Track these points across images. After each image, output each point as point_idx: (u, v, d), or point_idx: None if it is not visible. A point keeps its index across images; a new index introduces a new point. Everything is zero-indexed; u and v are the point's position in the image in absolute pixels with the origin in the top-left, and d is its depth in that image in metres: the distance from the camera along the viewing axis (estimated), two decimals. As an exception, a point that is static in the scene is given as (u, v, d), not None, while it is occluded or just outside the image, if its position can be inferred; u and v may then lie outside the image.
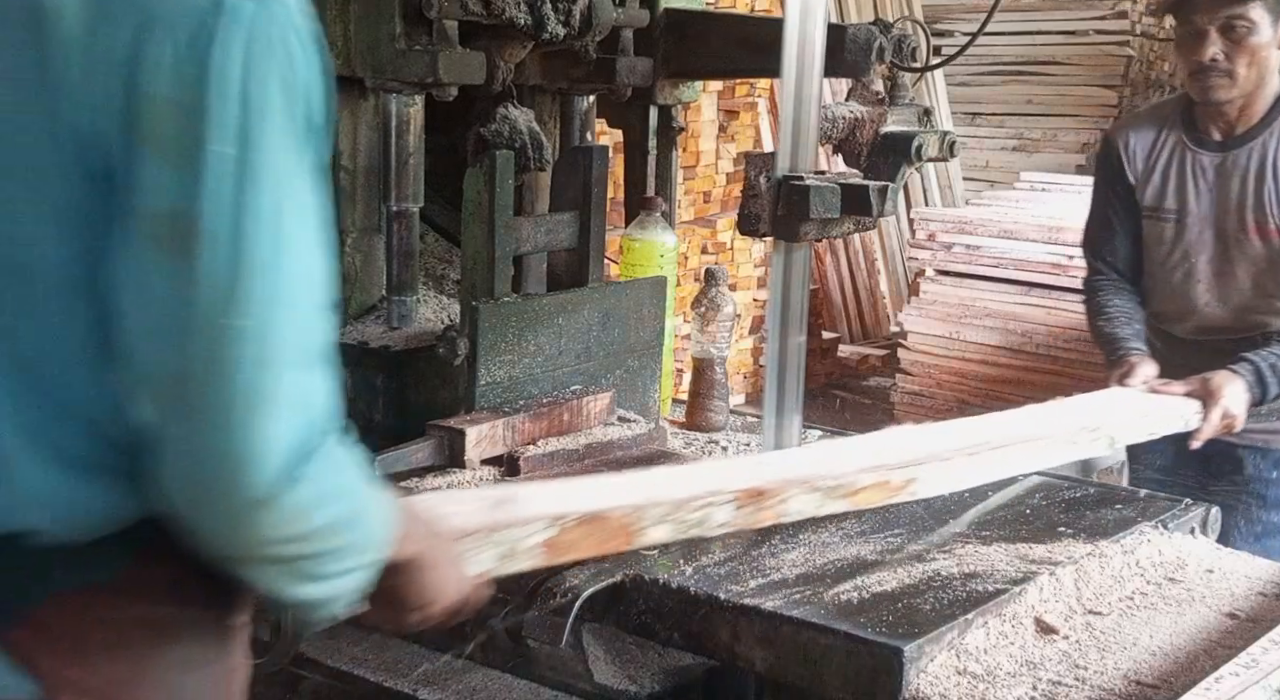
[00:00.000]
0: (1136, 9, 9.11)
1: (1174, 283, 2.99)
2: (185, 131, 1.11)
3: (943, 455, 2.01)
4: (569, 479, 1.97)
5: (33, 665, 1.21)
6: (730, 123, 6.29)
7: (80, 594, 1.22)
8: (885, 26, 2.28)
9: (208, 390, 1.12)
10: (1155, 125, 3.03)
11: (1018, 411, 2.32)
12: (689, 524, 1.75)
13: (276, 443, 1.13)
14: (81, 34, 1.12)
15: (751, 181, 2.11)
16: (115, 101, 1.11)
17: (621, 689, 1.87)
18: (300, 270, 1.16)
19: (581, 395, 2.26)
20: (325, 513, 1.18)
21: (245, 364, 1.11)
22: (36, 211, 1.16)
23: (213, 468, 1.13)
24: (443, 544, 1.43)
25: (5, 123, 1.16)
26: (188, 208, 1.10)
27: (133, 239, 1.12)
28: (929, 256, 6.22)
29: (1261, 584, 2.00)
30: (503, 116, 2.30)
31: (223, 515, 1.16)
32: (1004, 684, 1.64)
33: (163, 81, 1.11)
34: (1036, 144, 9.07)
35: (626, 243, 2.54)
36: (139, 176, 1.11)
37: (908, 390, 6.27)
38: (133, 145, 1.11)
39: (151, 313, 1.12)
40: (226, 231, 1.11)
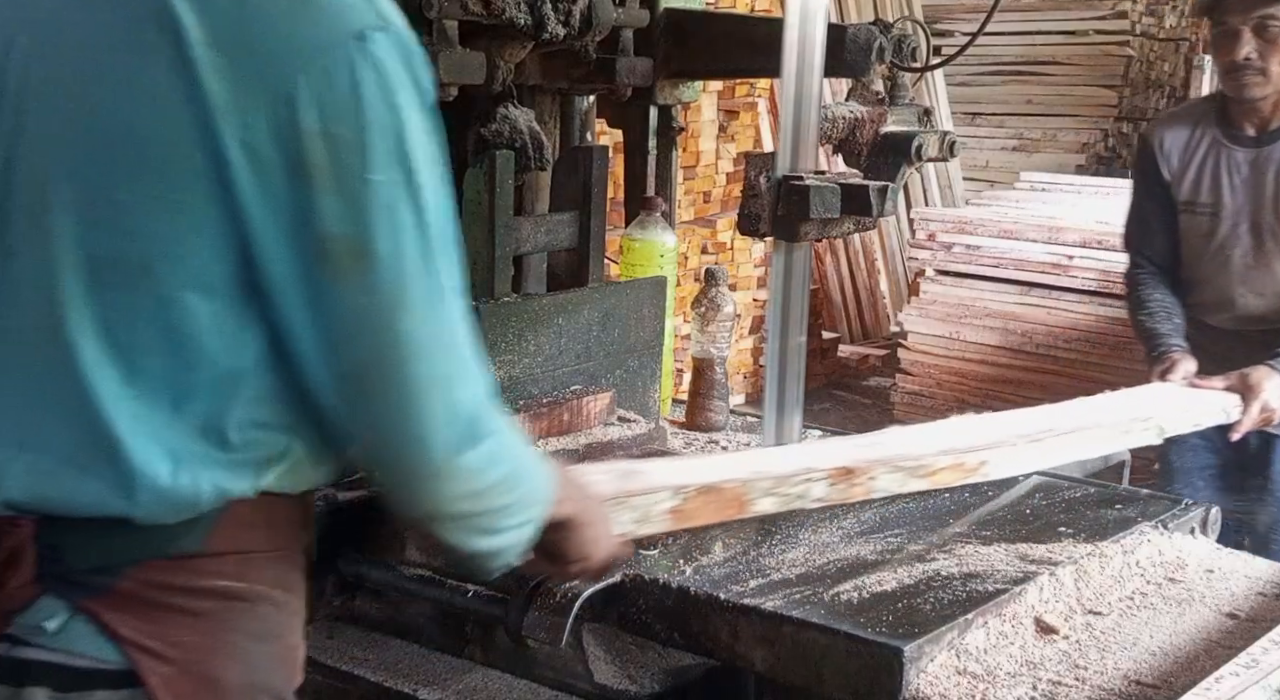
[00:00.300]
0: (1136, 9, 9.12)
1: (1211, 275, 3.14)
2: (347, 163, 1.21)
3: (1009, 441, 2.14)
4: (683, 457, 2.17)
5: (115, 633, 1.26)
6: (730, 123, 6.29)
7: (164, 565, 1.28)
8: (885, 26, 2.28)
9: (388, 381, 1.26)
10: (1190, 123, 3.18)
11: (1070, 403, 2.42)
12: (791, 497, 1.89)
13: (449, 417, 1.28)
14: (225, 63, 1.20)
15: (751, 181, 2.11)
16: (265, 132, 1.19)
17: (621, 689, 1.87)
18: (448, 268, 1.29)
19: (581, 395, 2.26)
20: (495, 472, 1.34)
21: (417, 355, 1.26)
22: (171, 216, 1.22)
23: (398, 444, 1.29)
24: (595, 504, 1.58)
25: (147, 131, 1.21)
26: (357, 233, 1.22)
27: (307, 259, 1.23)
28: (929, 256, 6.22)
29: (1261, 584, 2.01)
30: (503, 116, 2.30)
31: (411, 482, 1.33)
32: (1004, 684, 1.64)
33: (320, 117, 1.20)
34: (1036, 144, 9.07)
35: (626, 243, 2.54)
36: (306, 205, 1.21)
37: (908, 390, 6.27)
38: (295, 176, 1.20)
39: (331, 322, 1.25)
40: (391, 248, 1.23)
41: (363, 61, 1.20)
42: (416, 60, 1.26)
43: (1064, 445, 2.23)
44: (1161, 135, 3.22)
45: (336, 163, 1.20)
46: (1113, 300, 5.71)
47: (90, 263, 1.24)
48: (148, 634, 1.27)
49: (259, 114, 1.19)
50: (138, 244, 1.23)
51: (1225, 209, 3.09)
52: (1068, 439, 2.23)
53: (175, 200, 1.21)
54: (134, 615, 1.27)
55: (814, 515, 2.08)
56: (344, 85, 1.20)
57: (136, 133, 1.22)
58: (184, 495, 1.26)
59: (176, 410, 1.25)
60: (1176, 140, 3.18)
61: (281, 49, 1.20)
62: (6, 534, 1.26)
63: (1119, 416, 2.40)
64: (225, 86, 1.19)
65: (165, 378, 1.25)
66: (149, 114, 1.21)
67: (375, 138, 1.21)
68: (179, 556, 1.29)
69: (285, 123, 1.19)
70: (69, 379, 1.24)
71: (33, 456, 1.26)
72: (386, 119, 1.21)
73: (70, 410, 1.25)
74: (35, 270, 1.26)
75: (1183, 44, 9.63)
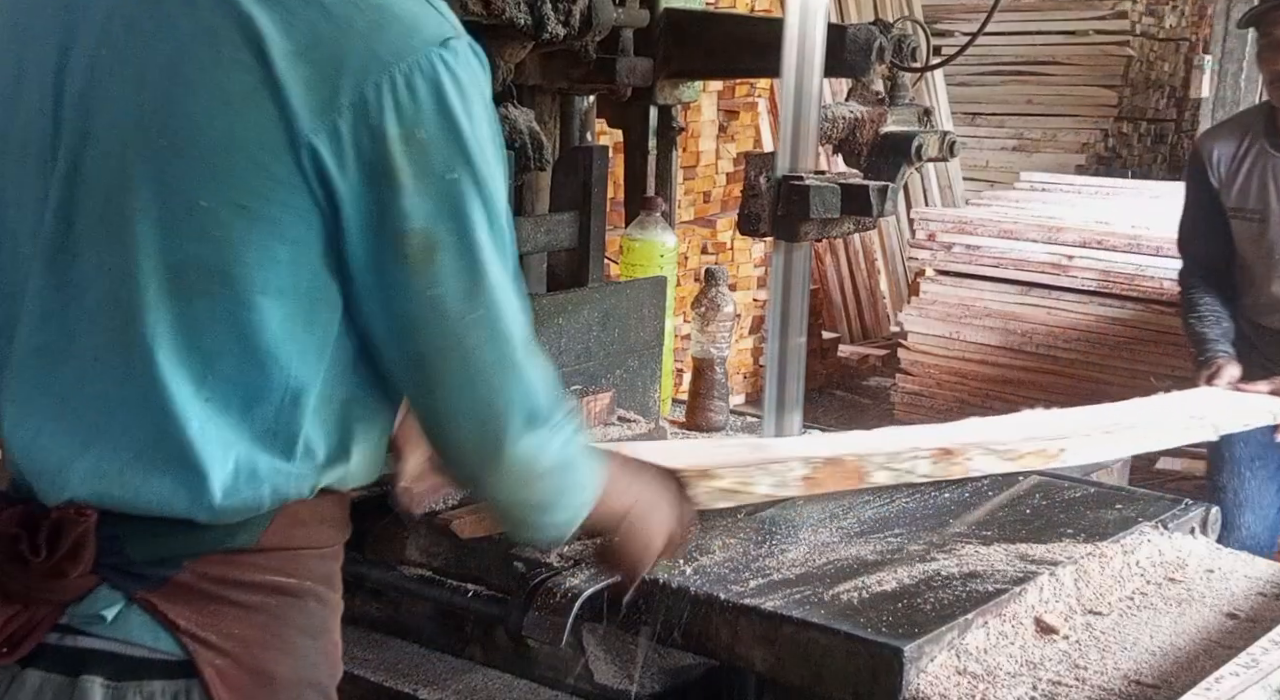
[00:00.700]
0: (1136, 9, 9.13)
1: (1261, 277, 3.35)
2: (427, 164, 1.26)
3: (1084, 431, 2.31)
4: (794, 439, 2.28)
5: (171, 624, 1.29)
6: (730, 123, 6.29)
7: (220, 559, 1.31)
8: (885, 26, 2.28)
9: (456, 365, 1.33)
10: (1238, 133, 3.41)
11: (1130, 403, 2.60)
12: (901, 472, 2.03)
13: (513, 403, 1.35)
14: (310, 72, 1.24)
15: (751, 181, 2.11)
16: (348, 138, 1.24)
17: (621, 689, 1.87)
18: (509, 265, 1.35)
19: (581, 395, 2.26)
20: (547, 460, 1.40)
21: (485, 344, 1.33)
22: (251, 223, 1.25)
23: (465, 428, 1.36)
24: (652, 492, 1.62)
25: (229, 140, 1.24)
26: (432, 227, 1.28)
27: (383, 256, 1.28)
28: (929, 256, 6.22)
29: (1261, 584, 2.01)
30: (503, 116, 2.29)
31: (477, 464, 1.39)
32: (1004, 684, 1.64)
33: (400, 121, 1.25)
34: (1036, 144, 9.08)
35: (626, 243, 2.54)
36: (385, 204, 1.26)
37: (908, 390, 6.27)
38: (375, 177, 1.25)
39: (405, 311, 1.30)
40: (460, 243, 1.29)
41: (442, 68, 1.26)
42: (483, 67, 1.32)
43: (1132, 438, 2.39)
44: (1210, 147, 3.41)
45: (416, 163, 1.26)
46: (1112, 300, 5.72)
47: (169, 268, 1.25)
48: (203, 626, 1.29)
49: (342, 120, 1.24)
50: (218, 250, 1.25)
51: (1273, 215, 3.27)
52: (1135, 432, 2.40)
53: (256, 208, 1.24)
54: (190, 607, 1.29)
55: (814, 515, 2.09)
56: (424, 91, 1.25)
57: (219, 141, 1.24)
58: (246, 499, 1.29)
59: (246, 415, 1.28)
60: (1225, 151, 3.36)
61: (365, 58, 1.24)
62: (72, 525, 1.28)
63: (1177, 414, 2.57)
64: (309, 94, 1.23)
65: (237, 382, 1.28)
66: (232, 122, 1.23)
67: (453, 140, 1.27)
68: (235, 551, 1.31)
69: (367, 127, 1.24)
70: (143, 381, 1.26)
71: (98, 455, 1.28)
72: (463, 123, 1.27)
73: (141, 411, 1.27)
74: (109, 274, 1.27)
75: (1183, 44, 9.64)
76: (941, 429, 2.25)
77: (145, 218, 1.25)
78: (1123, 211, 6.18)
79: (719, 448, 2.02)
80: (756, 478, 1.88)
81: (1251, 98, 7.22)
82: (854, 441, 2.10)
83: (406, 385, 1.37)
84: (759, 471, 1.89)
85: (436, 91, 1.26)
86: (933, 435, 2.19)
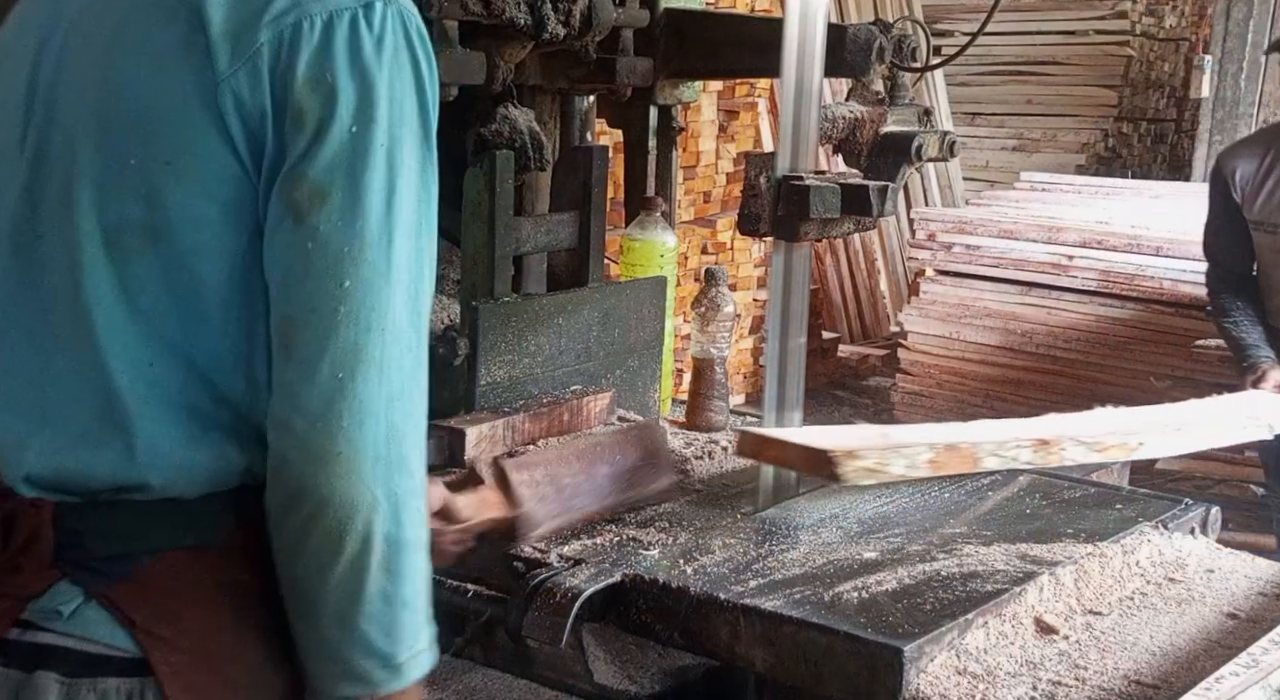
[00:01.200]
0: (1136, 9, 9.13)
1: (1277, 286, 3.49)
2: (329, 110, 1.23)
3: (1157, 428, 2.40)
4: (911, 427, 2.32)
5: (128, 620, 1.27)
6: (730, 123, 6.29)
7: (182, 555, 1.29)
8: (885, 26, 2.28)
9: (311, 339, 1.23)
10: (1260, 150, 3.57)
11: (1189, 403, 2.66)
12: (1007, 458, 2.09)
13: (363, 407, 1.23)
14: (232, 18, 1.24)
15: (751, 181, 2.11)
16: (264, 81, 1.23)
17: (621, 689, 1.87)
18: (406, 250, 1.26)
19: (581, 395, 2.26)
20: (393, 497, 1.25)
21: (352, 320, 1.23)
22: (179, 181, 1.24)
23: (305, 415, 1.23)
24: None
25: (156, 95, 1.25)
26: (320, 178, 1.22)
27: (277, 203, 1.24)
28: (929, 256, 6.21)
29: (1261, 584, 2.00)
30: (503, 116, 2.30)
31: (307, 461, 1.24)
32: (1004, 684, 1.64)
33: (310, 66, 1.23)
34: (1036, 144, 9.09)
35: (626, 243, 2.54)
36: (288, 149, 1.23)
37: (908, 390, 6.27)
38: (282, 122, 1.23)
39: (282, 266, 1.24)
40: (346, 202, 1.23)
41: (363, 24, 1.24)
42: (417, 37, 1.29)
43: (1198, 434, 2.50)
44: (1232, 165, 3.57)
45: (321, 108, 1.23)
46: (1112, 300, 5.71)
47: (105, 229, 1.26)
48: (162, 623, 1.27)
49: (260, 59, 1.23)
50: (149, 209, 1.25)
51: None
52: (1200, 429, 2.50)
53: (183, 164, 1.24)
54: (148, 604, 1.27)
55: (814, 515, 2.09)
56: (341, 37, 1.24)
57: (147, 97, 1.25)
58: (197, 463, 1.28)
59: (190, 378, 1.27)
60: (1248, 168, 3.53)
61: (289, 2, 1.24)
62: (25, 515, 1.28)
63: (1235, 415, 2.67)
64: (232, 38, 1.23)
65: (179, 345, 1.26)
66: (160, 76, 1.25)
67: (363, 93, 1.24)
68: (196, 548, 1.29)
69: (279, 66, 1.23)
70: (87, 347, 1.27)
71: (54, 430, 1.29)
72: (377, 79, 1.24)
73: (88, 380, 1.27)
74: (60, 244, 1.28)
75: (1183, 44, 9.65)
76: (1031, 423, 2.33)
77: (85, 180, 1.27)
78: (1123, 211, 6.18)
79: (853, 432, 2.11)
80: (892, 460, 1.95)
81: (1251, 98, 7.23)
82: (963, 431, 2.19)
83: (275, 353, 1.27)
84: (893, 454, 1.96)
85: (352, 39, 1.24)
86: (1027, 428, 2.27)
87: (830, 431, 2.10)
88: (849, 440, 1.99)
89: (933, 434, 2.14)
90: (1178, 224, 5.75)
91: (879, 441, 2.00)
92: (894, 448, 1.98)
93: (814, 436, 2.02)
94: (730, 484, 2.28)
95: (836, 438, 2.01)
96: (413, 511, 1.28)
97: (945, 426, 2.24)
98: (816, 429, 2.15)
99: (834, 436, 2.02)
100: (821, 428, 2.17)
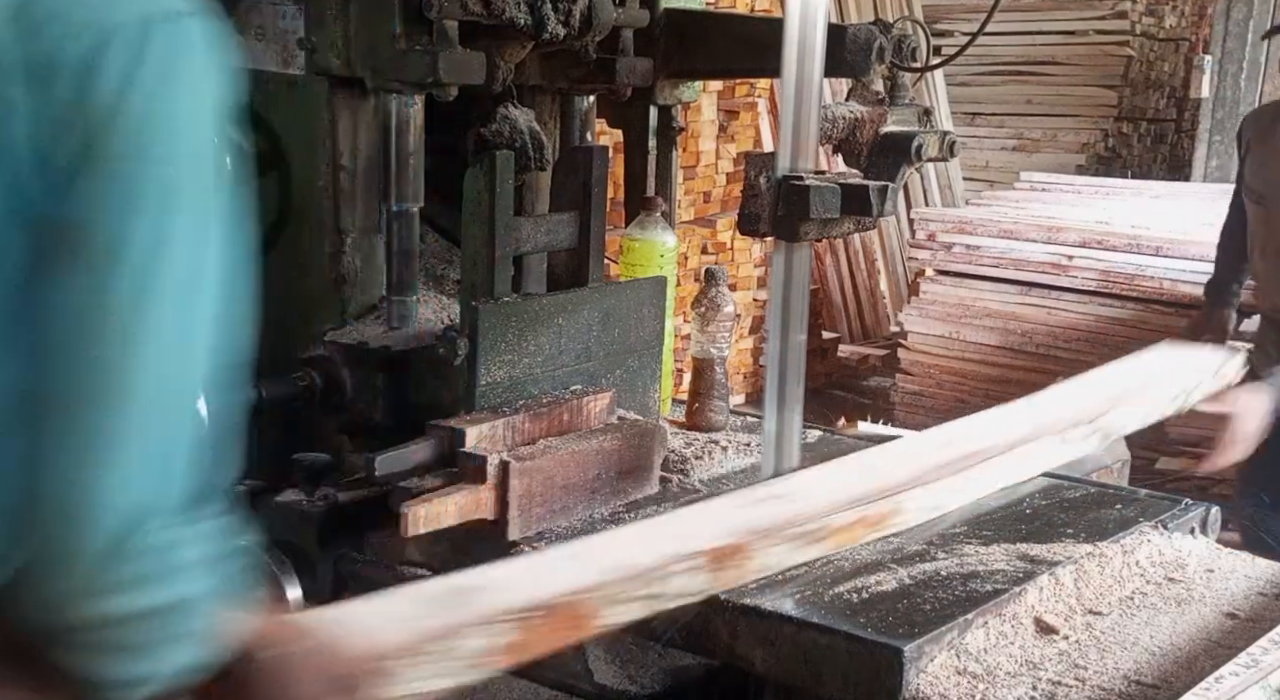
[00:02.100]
0: (1136, 9, 9.13)
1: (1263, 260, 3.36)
2: (88, 144, 1.05)
3: (925, 478, 1.90)
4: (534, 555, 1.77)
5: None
6: (730, 123, 6.29)
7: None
8: (885, 26, 2.28)
9: (55, 416, 1.06)
10: (1271, 118, 3.43)
11: (1012, 406, 2.23)
12: (651, 598, 1.54)
13: (111, 496, 1.05)
14: (21, 31, 1.08)
15: (751, 181, 2.11)
16: (30, 112, 1.06)
17: (621, 689, 1.87)
18: (182, 314, 1.09)
19: (581, 395, 2.26)
20: (154, 590, 1.08)
21: (97, 396, 1.05)
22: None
23: (44, 507, 1.06)
24: (309, 663, 1.22)
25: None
26: (83, 220, 1.05)
27: (35, 249, 1.06)
28: (929, 256, 6.22)
29: (1261, 584, 2.00)
30: (503, 116, 2.30)
31: (44, 556, 1.06)
32: (1004, 684, 1.64)
33: (79, 90, 1.06)
34: (1036, 144, 9.08)
35: (626, 243, 2.54)
36: (48, 188, 1.06)
37: (908, 390, 6.27)
38: (44, 159, 1.06)
39: (25, 324, 1.06)
40: (104, 250, 1.04)
41: (147, 45, 1.07)
42: (214, 57, 1.13)
43: (992, 473, 2.02)
44: (1248, 122, 3.52)
45: (77, 141, 1.05)
46: (1112, 300, 5.72)
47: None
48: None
49: (27, 90, 1.06)
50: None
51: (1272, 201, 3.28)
52: (997, 464, 2.02)
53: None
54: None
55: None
56: (119, 64, 1.06)
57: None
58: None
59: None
60: (1256, 128, 3.43)
61: (59, 28, 1.07)
62: None
63: (1058, 423, 2.17)
64: (23, 59, 1.06)
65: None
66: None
67: (120, 121, 1.06)
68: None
69: (41, 94, 1.06)
70: None
71: None
72: (139, 105, 1.06)
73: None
74: None
75: (1183, 44, 9.64)
76: (727, 504, 1.81)
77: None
78: (1123, 211, 6.18)
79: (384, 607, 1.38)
80: (420, 666, 1.29)
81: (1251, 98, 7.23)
82: (600, 552, 1.58)
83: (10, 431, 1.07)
84: (411, 666, 1.29)
85: (135, 66, 1.07)
86: (716, 520, 1.71)
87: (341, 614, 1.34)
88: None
89: (537, 578, 1.48)
90: (1178, 224, 5.76)
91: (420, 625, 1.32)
92: (425, 645, 1.30)
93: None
94: (730, 484, 2.28)
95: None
96: (175, 564, 1.09)
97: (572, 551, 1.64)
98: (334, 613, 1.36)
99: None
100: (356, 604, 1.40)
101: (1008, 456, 2.05)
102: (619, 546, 1.60)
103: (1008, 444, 2.07)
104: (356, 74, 2.15)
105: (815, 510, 1.76)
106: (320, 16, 2.14)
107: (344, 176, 2.22)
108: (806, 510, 1.75)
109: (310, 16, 2.15)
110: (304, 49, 2.17)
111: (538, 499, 2.01)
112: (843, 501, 1.79)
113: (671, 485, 2.27)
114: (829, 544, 1.78)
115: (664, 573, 1.54)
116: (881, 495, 1.83)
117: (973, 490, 2.00)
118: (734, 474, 2.33)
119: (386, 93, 2.16)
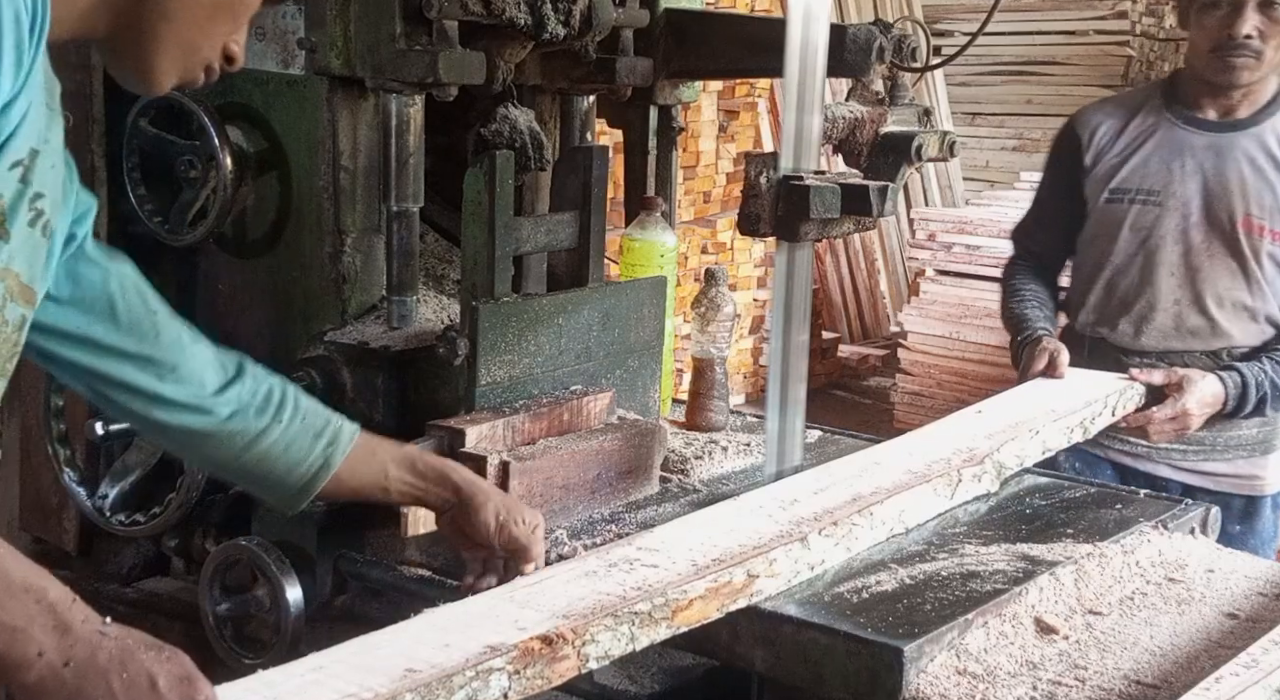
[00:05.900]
0: (1136, 9, 9.13)
1: (1133, 276, 2.86)
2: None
3: (790, 534, 1.79)
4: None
5: None
6: (730, 123, 6.30)
7: None
8: (885, 27, 2.28)
9: None
10: (1127, 110, 2.94)
11: (903, 440, 2.13)
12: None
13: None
14: None
15: (752, 181, 2.11)
16: None
17: (621, 689, 1.87)
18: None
19: (581, 395, 2.26)
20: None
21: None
22: None
23: None
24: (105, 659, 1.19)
25: None
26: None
27: None
28: (929, 256, 6.22)
29: (1261, 584, 2.00)
30: (503, 116, 2.30)
31: None
32: (1004, 684, 1.64)
33: None
34: (1036, 144, 9.07)
35: (626, 243, 2.54)
36: None
37: (908, 390, 6.27)
38: None
39: None
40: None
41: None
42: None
43: (875, 523, 1.91)
44: (1095, 121, 2.93)
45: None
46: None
47: None
48: None
49: None
50: None
51: (1173, 198, 2.81)
52: (882, 511, 1.92)
53: None
54: None
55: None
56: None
57: None
58: None
59: None
60: (1111, 126, 2.90)
61: None
62: None
63: (943, 463, 2.08)
64: None
65: None
66: None
67: None
68: None
69: None
70: None
71: None
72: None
73: None
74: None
75: (1183, 44, 9.64)
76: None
77: None
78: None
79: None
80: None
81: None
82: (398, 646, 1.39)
83: None
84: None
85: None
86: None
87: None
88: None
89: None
90: (1178, 224, 5.74)
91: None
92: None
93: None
94: (730, 484, 2.28)
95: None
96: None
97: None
98: None
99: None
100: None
101: (894, 501, 1.96)
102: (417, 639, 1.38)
103: (894, 487, 1.99)
104: (356, 74, 2.15)
105: (672, 576, 1.60)
106: (320, 16, 2.14)
107: (344, 176, 2.22)
108: (662, 577, 1.60)
109: (310, 16, 2.15)
110: (304, 49, 2.17)
111: (538, 499, 2.01)
112: (698, 566, 1.64)
113: (671, 485, 2.27)
114: (681, 620, 1.58)
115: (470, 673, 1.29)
116: (743, 559, 1.69)
117: (854, 544, 1.88)
118: (734, 474, 2.34)
119: (386, 93, 2.16)
